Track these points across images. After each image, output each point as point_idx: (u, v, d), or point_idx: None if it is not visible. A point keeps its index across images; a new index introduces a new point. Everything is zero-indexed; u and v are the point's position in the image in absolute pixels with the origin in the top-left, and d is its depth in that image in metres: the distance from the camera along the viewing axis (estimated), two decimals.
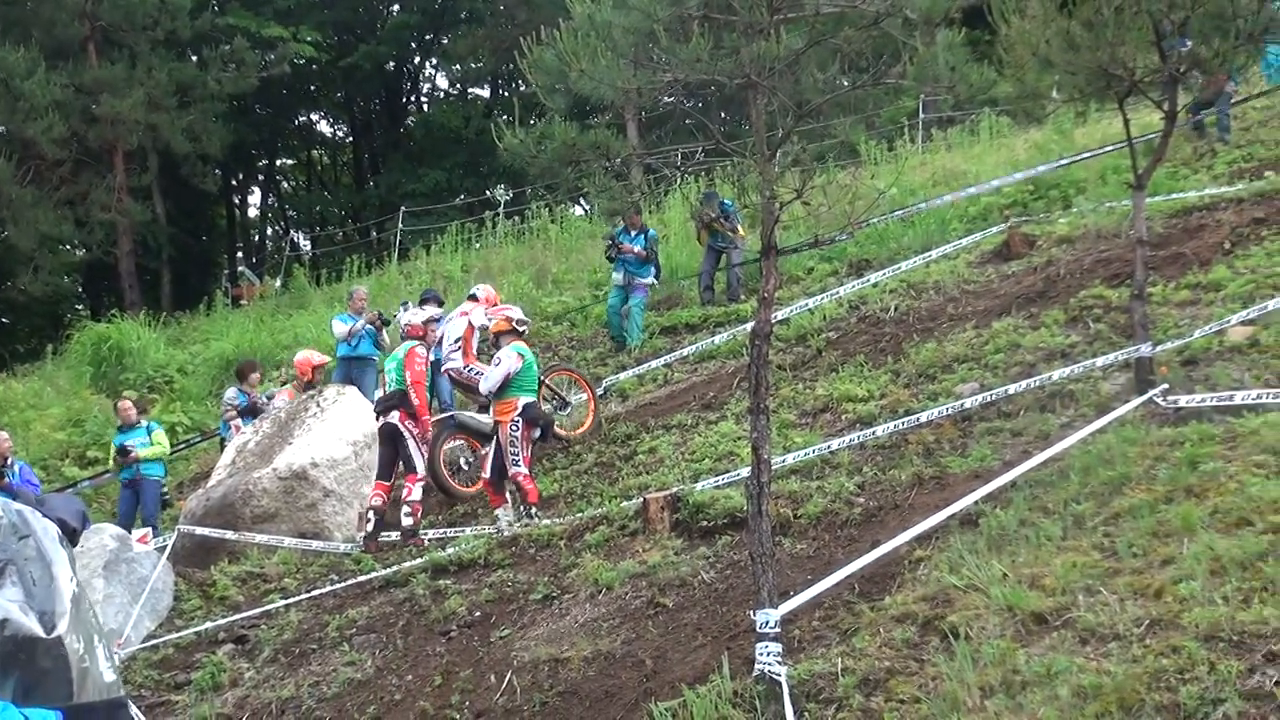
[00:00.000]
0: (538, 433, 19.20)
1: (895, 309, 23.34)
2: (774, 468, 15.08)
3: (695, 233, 28.92)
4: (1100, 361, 17.29)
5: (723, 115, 48.57)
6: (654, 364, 24.75)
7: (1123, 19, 15.81)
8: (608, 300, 27.68)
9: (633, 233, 26.93)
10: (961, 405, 17.35)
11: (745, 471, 14.06)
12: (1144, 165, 17.09)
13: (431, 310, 21.06)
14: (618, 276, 26.94)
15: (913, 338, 21.09)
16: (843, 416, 18.88)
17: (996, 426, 16.65)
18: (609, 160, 13.44)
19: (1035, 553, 12.24)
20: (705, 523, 15.88)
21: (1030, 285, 21.95)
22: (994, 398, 17.26)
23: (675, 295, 29.14)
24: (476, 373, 21.35)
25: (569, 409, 22.50)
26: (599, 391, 23.90)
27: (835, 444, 17.32)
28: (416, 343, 20.06)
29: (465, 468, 21.69)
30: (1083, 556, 11.82)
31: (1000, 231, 25.94)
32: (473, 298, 23.16)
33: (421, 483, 19.42)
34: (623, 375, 24.89)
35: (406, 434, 19.39)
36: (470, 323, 22.34)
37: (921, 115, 40.05)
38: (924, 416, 17.34)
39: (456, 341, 22.26)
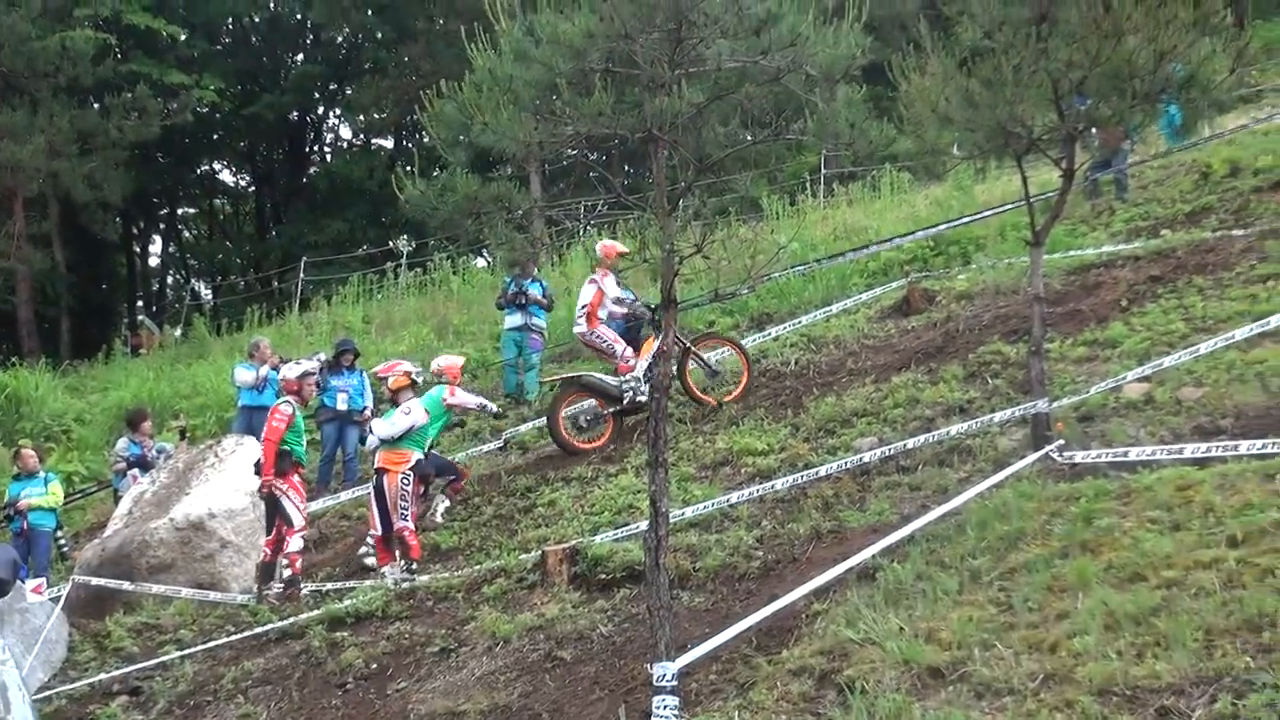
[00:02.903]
0: (423, 489, 19.35)
1: (795, 363, 23.44)
2: (673, 521, 15.11)
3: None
4: (998, 417, 17.45)
5: (626, 168, 48.81)
6: None
7: (1021, 77, 16.00)
8: (502, 354, 27.66)
9: (529, 280, 26.97)
10: (860, 459, 17.44)
11: (644, 525, 14.08)
12: (1042, 222, 17.27)
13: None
14: (514, 319, 26.88)
15: (813, 392, 21.17)
16: (742, 470, 18.91)
17: (895, 481, 16.74)
18: (510, 212, 13.44)
19: (932, 607, 12.30)
20: (604, 576, 15.85)
21: (929, 340, 22.13)
22: (892, 452, 17.37)
23: (577, 348, 29.14)
24: (598, 337, 22.48)
25: (718, 376, 22.81)
26: (500, 444, 23.90)
27: (734, 497, 17.36)
28: (285, 399, 19.89)
29: (585, 426, 22.24)
30: (979, 611, 11.90)
31: (900, 287, 26.14)
32: (600, 265, 23.28)
33: (301, 534, 19.22)
34: (523, 427, 24.84)
35: (278, 492, 19.22)
36: (601, 289, 22.70)
37: (823, 170, 40.30)
38: (823, 470, 17.41)
39: (583, 308, 22.76)
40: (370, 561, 19.44)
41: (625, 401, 22.06)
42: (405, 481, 18.74)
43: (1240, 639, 10.24)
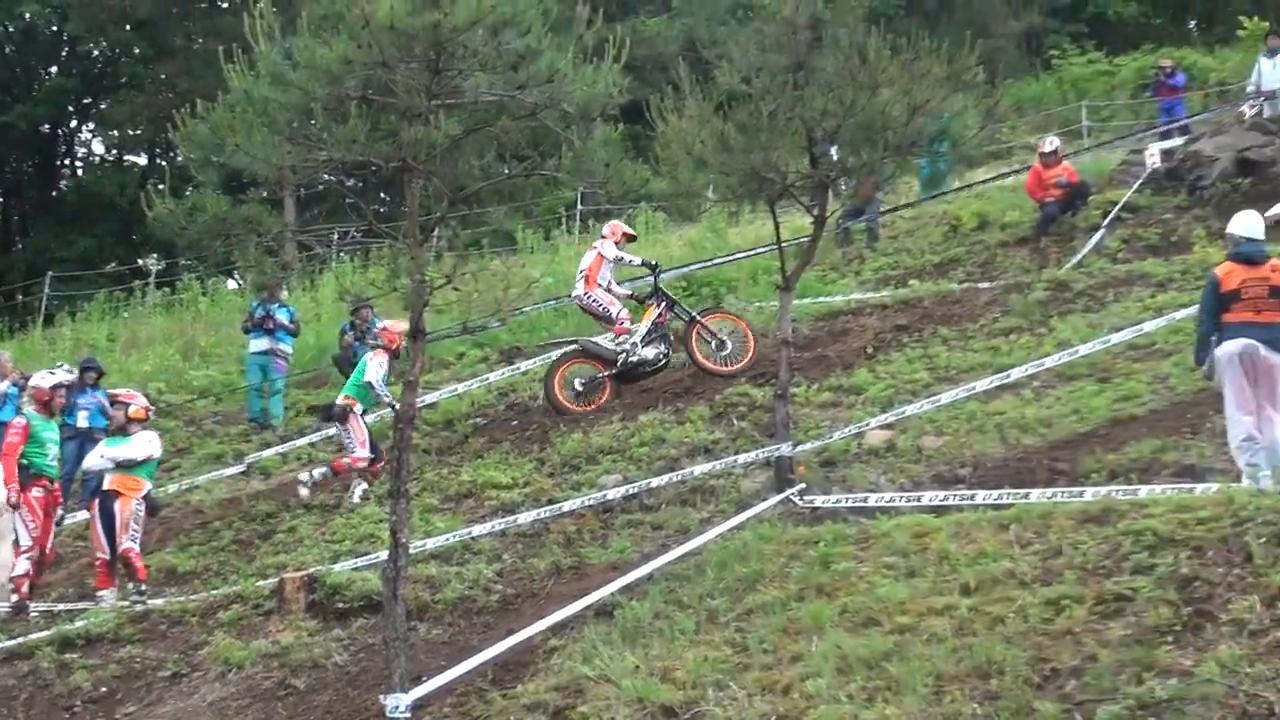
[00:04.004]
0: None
1: (544, 398, 23.50)
2: (413, 552, 15.08)
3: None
4: (742, 459, 17.70)
5: (383, 196, 48.54)
6: (299, 442, 24.47)
7: (776, 124, 16.31)
8: (247, 378, 27.32)
9: (276, 305, 26.68)
10: (604, 496, 17.56)
11: (384, 554, 14.03)
12: (792, 268, 17.57)
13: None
14: (259, 343, 26.55)
15: (559, 427, 21.20)
16: (486, 503, 18.90)
17: (637, 519, 16.91)
18: (261, 235, 13.35)
19: (668, 646, 12.43)
20: (341, 605, 15.73)
21: (678, 380, 22.32)
22: (636, 490, 17.52)
23: (323, 374, 28.85)
24: (594, 300, 22.82)
25: (727, 349, 22.57)
26: (242, 468, 23.62)
27: (477, 530, 17.36)
28: (24, 412, 19.45)
29: (580, 389, 22.36)
30: (714, 651, 12.06)
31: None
32: (603, 236, 23.90)
33: (27, 555, 18.70)
34: (266, 453, 24.54)
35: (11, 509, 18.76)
36: (600, 254, 23.16)
37: (579, 206, 40.44)
38: (566, 506, 17.49)
39: (582, 272, 23.20)
40: (14, 598, 18.72)
41: (620, 364, 22.26)
42: (139, 507, 18.40)
43: (969, 686, 10.54)
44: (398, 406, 21.01)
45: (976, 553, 12.75)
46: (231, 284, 44.08)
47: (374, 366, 21.02)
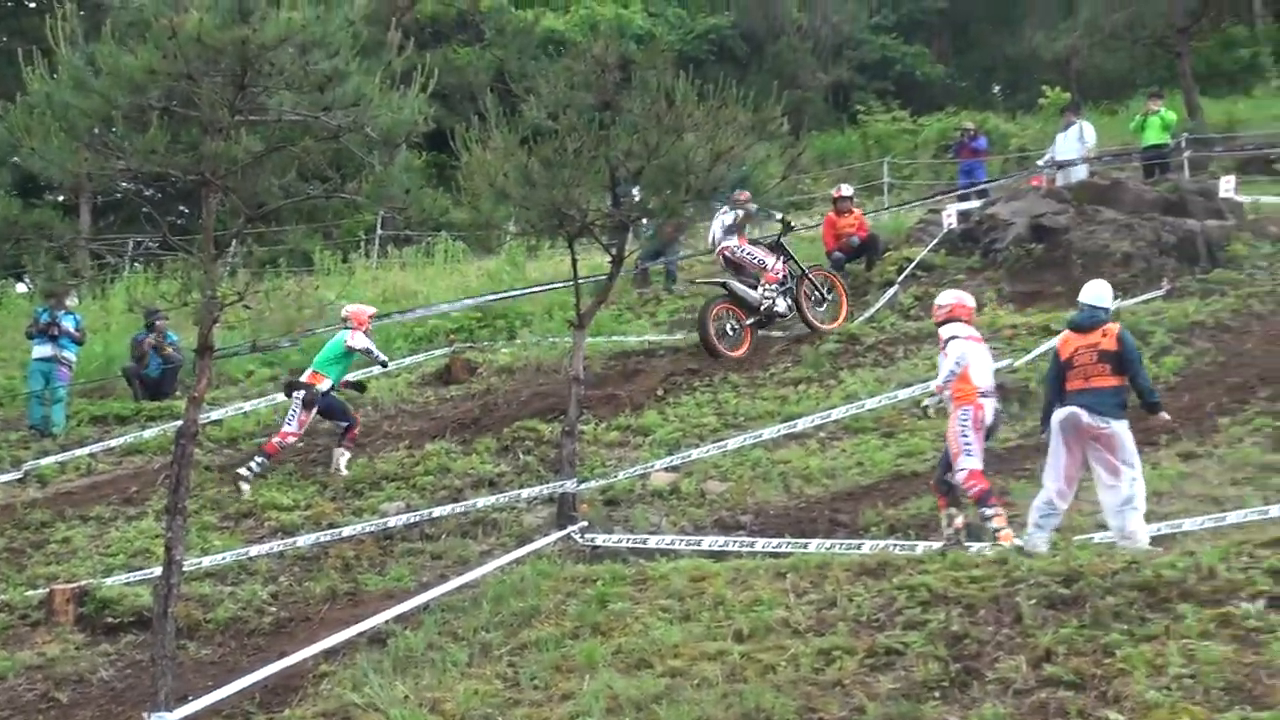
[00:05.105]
0: None
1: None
2: (188, 570, 14.95)
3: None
4: (525, 493, 17.82)
5: (181, 209, 47.94)
6: (79, 452, 24.07)
7: (580, 161, 16.46)
8: (29, 384, 26.84)
9: (63, 312, 26.27)
10: (385, 524, 17.57)
11: (158, 570, 13.90)
12: (587, 305, 17.71)
13: None
14: (43, 350, 26.12)
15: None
16: (266, 523, 18.79)
17: (417, 548, 16.95)
18: (52, 241, 13.22)
19: (440, 677, 12.49)
20: (111, 619, 15.57)
21: (467, 411, 22.39)
22: (418, 519, 17.56)
23: (109, 385, 28.44)
24: (747, 253, 24.50)
25: (825, 304, 24.98)
26: (19, 475, 23.22)
27: (254, 550, 17.27)
28: None
29: (730, 334, 23.87)
30: (485, 685, 12.14)
31: (444, 355, 26.32)
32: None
33: None
34: (44, 460, 24.11)
35: None
36: (737, 213, 24.38)
37: (379, 231, 40.31)
38: (346, 531, 17.48)
39: (727, 228, 24.56)
40: None
41: (762, 310, 23.71)
42: None
43: None
44: (389, 364, 21.17)
45: (752, 600, 12.93)
46: (21, 287, 43.29)
47: (357, 336, 21.02)
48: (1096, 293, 14.76)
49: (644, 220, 19.85)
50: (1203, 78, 46.97)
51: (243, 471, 20.19)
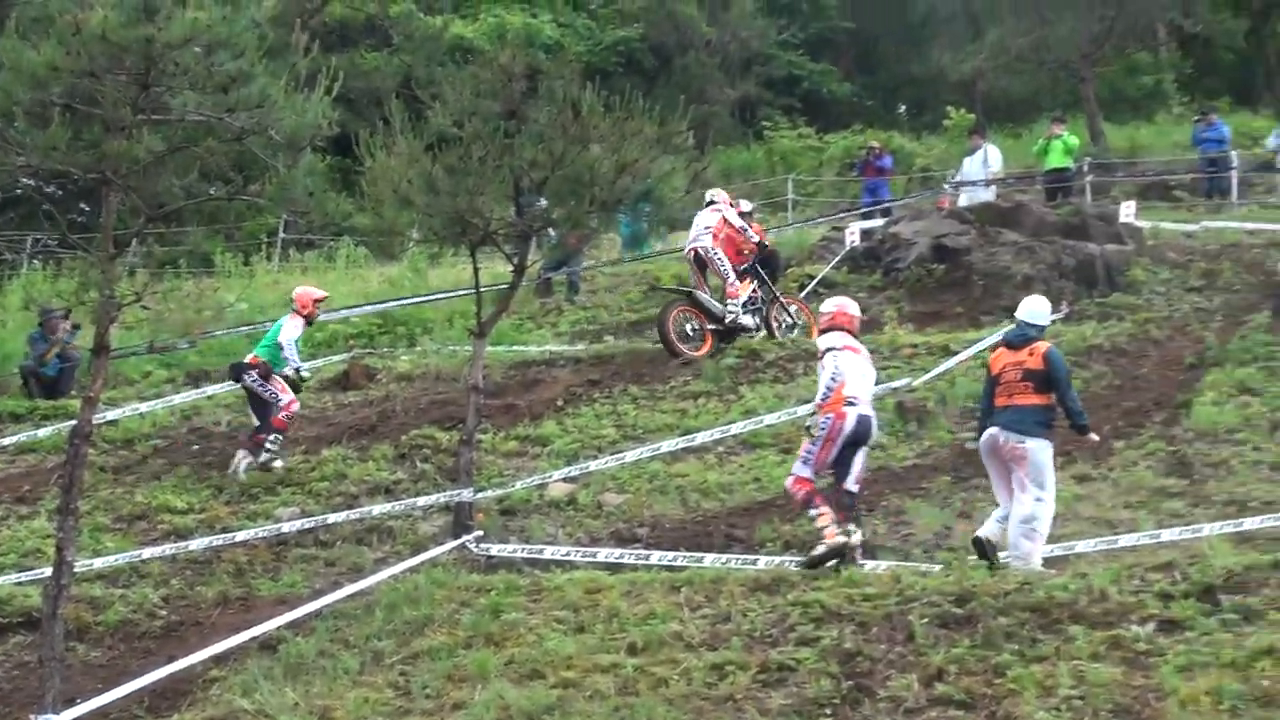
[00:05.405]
0: None
1: (229, 424, 23.23)
2: (79, 571, 14.82)
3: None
4: (421, 501, 17.81)
5: (82, 206, 47.51)
6: None
7: (485, 170, 16.47)
8: None
9: None
10: (279, 529, 17.49)
11: (49, 571, 13.79)
12: (488, 314, 17.70)
13: None
14: None
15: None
16: (159, 526, 18.64)
17: (311, 554, 16.89)
18: None
19: (330, 684, 12.46)
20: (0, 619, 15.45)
21: (365, 417, 22.30)
22: (313, 525, 17.49)
23: (3, 382, 28.14)
24: (719, 257, 24.01)
25: (795, 328, 24.88)
26: None
27: (147, 553, 17.14)
28: None
29: (691, 335, 23.85)
30: (376, 693, 12.13)
31: (343, 361, 26.21)
32: (712, 201, 24.99)
33: None
34: None
35: None
36: (726, 219, 24.40)
37: (282, 234, 40.09)
38: (240, 536, 17.37)
39: (707, 228, 24.29)
40: None
41: (727, 321, 23.64)
42: None
43: None
44: (304, 374, 20.82)
45: (646, 613, 12.98)
46: None
47: (290, 327, 20.74)
48: (1031, 309, 14.84)
49: (548, 230, 19.85)
50: (1106, 103, 47.67)
51: (266, 455, 20.04)
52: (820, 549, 13.83)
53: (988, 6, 53.17)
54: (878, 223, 32.06)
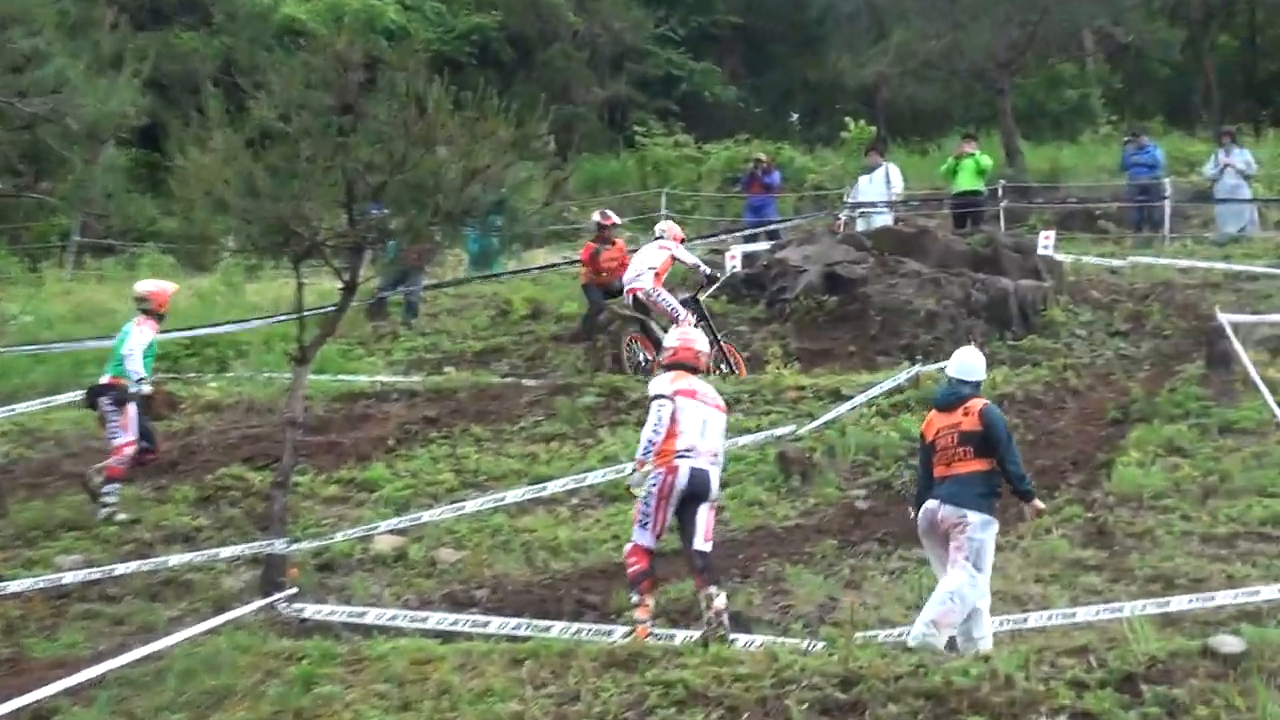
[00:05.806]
0: None
1: (5, 456, 22.92)
2: None
3: None
4: (225, 552, 17.64)
5: None
6: None
7: (314, 171, 16.34)
8: None
9: None
10: (60, 579, 17.24)
11: None
12: (311, 338, 17.55)
13: None
14: None
15: (18, 493, 20.70)
16: None
17: (96, 610, 16.64)
18: None
19: None
20: None
21: (165, 452, 22.08)
22: (99, 576, 17.24)
23: None
24: (662, 298, 24.93)
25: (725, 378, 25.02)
26: None
27: None
28: None
29: (643, 364, 25.09)
30: None
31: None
32: (660, 236, 26.19)
33: None
34: None
35: None
36: (674, 255, 25.56)
37: (77, 238, 39.59)
38: (13, 587, 17.10)
39: (651, 268, 25.17)
40: None
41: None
42: None
43: None
44: (146, 389, 20.27)
45: (483, 689, 12.88)
46: None
47: (139, 333, 20.24)
48: (962, 362, 14.83)
49: (384, 243, 19.74)
50: (1025, 118, 48.09)
51: (104, 510, 19.60)
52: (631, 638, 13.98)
53: (894, 5, 53.44)
54: (762, 246, 32.28)
